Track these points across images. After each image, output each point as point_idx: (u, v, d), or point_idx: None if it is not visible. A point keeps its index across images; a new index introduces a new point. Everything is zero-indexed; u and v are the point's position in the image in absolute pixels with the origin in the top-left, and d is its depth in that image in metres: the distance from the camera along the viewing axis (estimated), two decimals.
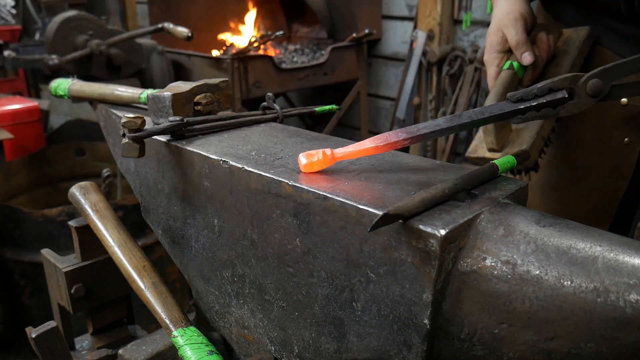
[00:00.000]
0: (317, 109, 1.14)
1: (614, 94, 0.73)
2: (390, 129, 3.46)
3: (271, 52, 3.56)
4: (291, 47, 3.73)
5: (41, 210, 2.38)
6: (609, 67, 0.72)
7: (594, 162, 1.12)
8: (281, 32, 3.36)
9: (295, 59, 3.42)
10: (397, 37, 3.44)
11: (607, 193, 1.12)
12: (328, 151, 0.76)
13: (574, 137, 1.14)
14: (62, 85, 1.27)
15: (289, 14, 4.10)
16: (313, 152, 0.76)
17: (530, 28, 1.05)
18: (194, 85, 1.01)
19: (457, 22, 3.08)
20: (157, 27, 2.61)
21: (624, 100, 1.02)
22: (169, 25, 2.55)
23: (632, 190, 1.10)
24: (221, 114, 1.04)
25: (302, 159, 0.76)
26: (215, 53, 3.73)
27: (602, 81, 0.72)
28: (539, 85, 0.71)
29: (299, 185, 0.73)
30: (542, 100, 0.70)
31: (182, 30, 2.45)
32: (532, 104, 0.71)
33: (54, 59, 2.60)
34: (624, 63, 0.72)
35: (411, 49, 3.20)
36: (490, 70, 1.04)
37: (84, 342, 1.29)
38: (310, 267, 0.75)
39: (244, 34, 3.89)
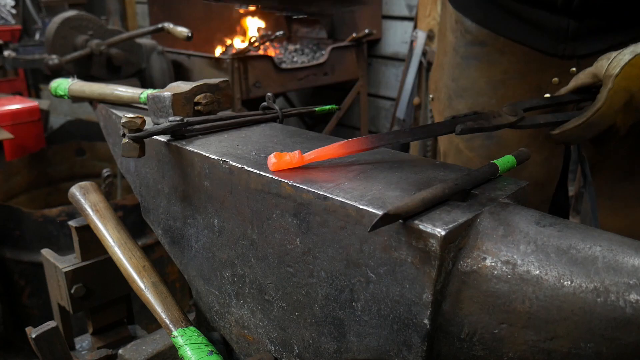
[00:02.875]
0: (317, 109, 1.14)
1: (527, 123, 0.91)
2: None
3: (271, 52, 3.56)
4: (291, 47, 3.73)
5: (41, 210, 2.38)
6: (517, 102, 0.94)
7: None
8: (281, 32, 3.36)
9: (295, 59, 3.42)
10: (397, 37, 3.43)
11: (543, 179, 1.20)
12: (297, 154, 0.78)
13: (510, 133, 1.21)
14: (62, 85, 1.27)
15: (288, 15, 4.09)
16: (283, 153, 0.77)
17: None
18: (194, 85, 1.01)
19: None
20: (157, 27, 2.61)
21: (546, 95, 1.10)
22: (169, 25, 2.55)
23: (563, 178, 1.19)
24: (221, 114, 1.04)
25: (272, 159, 0.77)
26: (219, 50, 3.73)
27: (514, 106, 0.91)
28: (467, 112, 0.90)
29: (299, 185, 0.73)
30: (474, 116, 0.88)
31: (182, 30, 2.45)
32: (468, 117, 0.87)
33: (54, 59, 2.60)
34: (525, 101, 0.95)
35: (411, 49, 3.20)
36: None
37: (84, 342, 1.29)
38: (310, 267, 0.75)
39: (244, 34, 3.89)
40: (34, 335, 1.03)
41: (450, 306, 0.63)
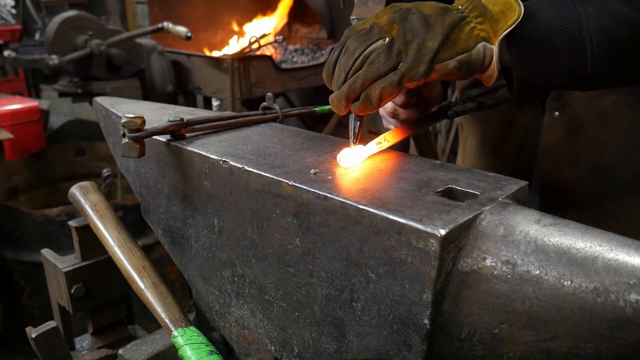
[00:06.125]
0: (317, 109, 1.14)
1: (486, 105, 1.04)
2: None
3: (271, 52, 3.56)
4: (291, 47, 3.73)
5: (41, 210, 2.38)
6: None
7: (506, 137, 1.27)
8: (281, 38, 3.37)
9: (295, 59, 3.42)
10: None
11: (519, 162, 1.25)
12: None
13: (489, 118, 1.28)
14: None
15: (289, 14, 4.10)
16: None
17: None
18: None
19: None
20: (157, 27, 2.62)
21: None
22: (168, 25, 2.56)
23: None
24: (221, 114, 1.04)
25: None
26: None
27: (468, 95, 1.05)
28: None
29: (299, 185, 0.73)
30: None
31: (181, 30, 2.46)
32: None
33: (54, 59, 2.60)
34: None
35: None
36: None
37: (84, 342, 1.29)
38: (310, 267, 0.75)
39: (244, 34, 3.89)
40: (34, 335, 1.03)
41: (450, 306, 0.63)
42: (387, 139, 0.85)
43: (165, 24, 2.58)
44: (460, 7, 0.80)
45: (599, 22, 0.78)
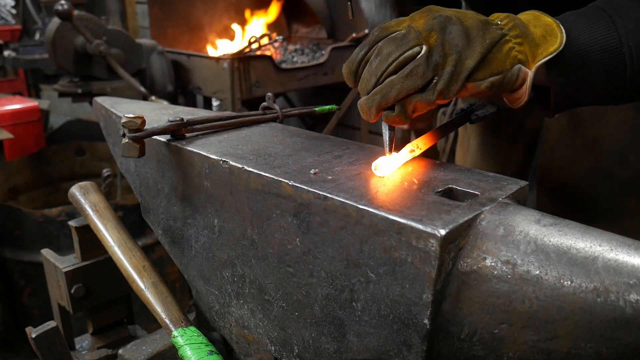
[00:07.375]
0: (317, 109, 1.14)
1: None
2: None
3: (270, 52, 3.56)
4: (291, 47, 3.73)
5: (41, 210, 2.38)
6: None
7: (515, 140, 1.28)
8: (281, 38, 3.38)
9: (295, 59, 3.42)
10: None
11: (523, 165, 1.28)
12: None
13: (497, 120, 1.28)
14: None
15: (289, 14, 4.10)
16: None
17: None
18: None
19: None
20: (149, 98, 2.78)
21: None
22: (152, 98, 2.76)
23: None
24: (221, 114, 1.04)
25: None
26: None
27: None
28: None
29: (299, 185, 0.73)
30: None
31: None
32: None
33: (64, 4, 2.56)
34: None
35: None
36: None
37: (84, 342, 1.29)
38: (310, 267, 0.75)
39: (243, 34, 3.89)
40: (34, 335, 1.03)
41: (450, 306, 0.63)
42: (419, 146, 0.83)
43: (152, 97, 2.75)
44: (499, 22, 0.76)
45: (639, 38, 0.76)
